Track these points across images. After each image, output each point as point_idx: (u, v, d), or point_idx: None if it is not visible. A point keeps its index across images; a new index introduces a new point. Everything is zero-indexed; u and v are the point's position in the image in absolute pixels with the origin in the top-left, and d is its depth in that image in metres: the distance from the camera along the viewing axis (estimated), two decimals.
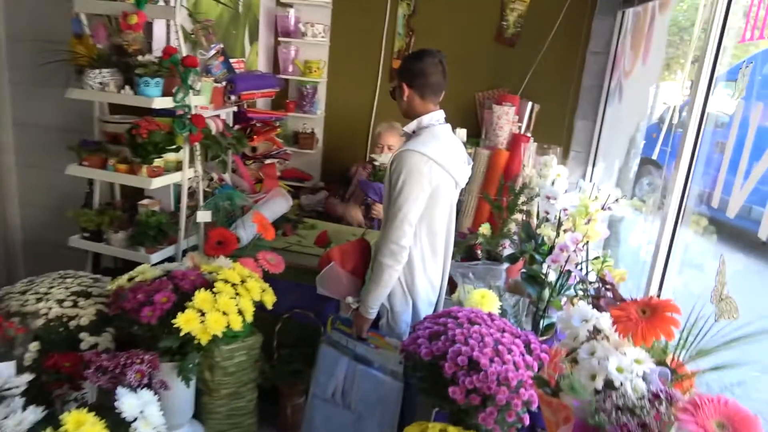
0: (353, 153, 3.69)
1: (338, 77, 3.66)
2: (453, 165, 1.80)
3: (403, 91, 1.83)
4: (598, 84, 3.26)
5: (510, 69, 3.37)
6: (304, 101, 3.59)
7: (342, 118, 3.72)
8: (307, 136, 3.62)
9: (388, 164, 1.79)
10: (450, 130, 1.87)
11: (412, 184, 1.70)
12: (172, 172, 2.12)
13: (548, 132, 3.31)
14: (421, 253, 1.84)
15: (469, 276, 2.37)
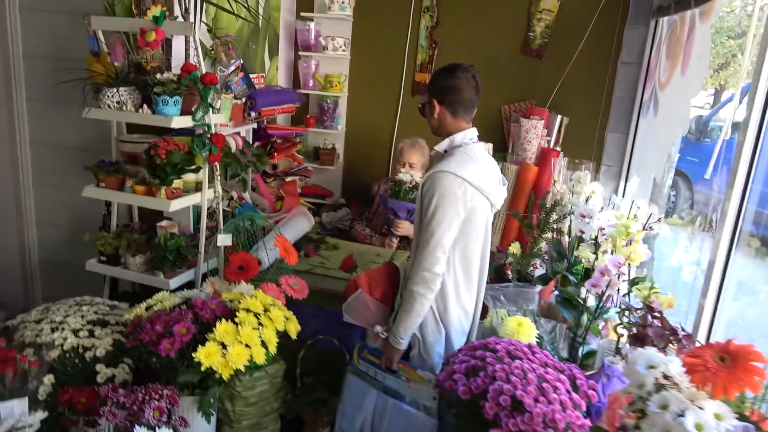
0: (375, 169, 3.63)
1: (359, 91, 3.62)
2: (489, 186, 1.74)
3: (433, 107, 1.78)
4: (630, 95, 3.15)
5: (537, 81, 3.28)
6: (325, 116, 3.54)
7: (363, 133, 3.67)
8: (328, 152, 3.57)
9: (420, 186, 1.73)
10: (484, 148, 1.81)
11: (445, 208, 1.65)
12: (192, 192, 2.06)
13: (578, 146, 3.22)
14: (454, 280, 1.77)
15: (500, 299, 2.28)
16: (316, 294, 2.07)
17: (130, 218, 2.38)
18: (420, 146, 3.05)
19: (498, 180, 1.83)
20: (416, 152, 3.02)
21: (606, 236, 2.10)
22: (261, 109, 2.71)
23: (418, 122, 3.50)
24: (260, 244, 2.15)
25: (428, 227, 1.67)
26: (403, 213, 2.66)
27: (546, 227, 2.52)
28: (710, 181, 3.77)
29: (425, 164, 3.06)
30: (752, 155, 1.59)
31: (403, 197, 2.63)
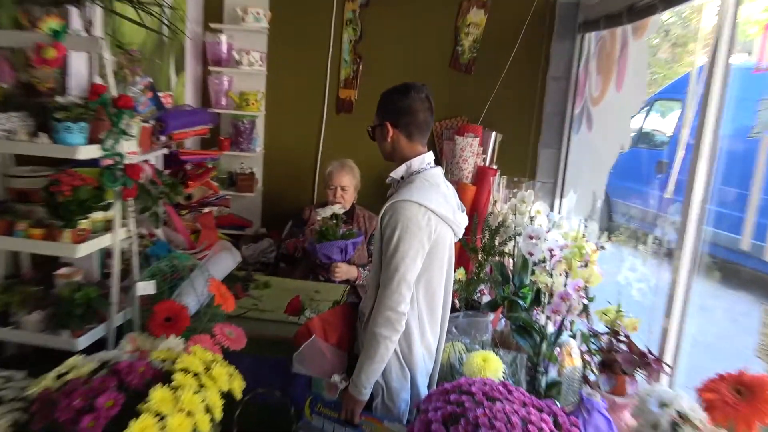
0: (299, 194, 3.58)
1: (278, 110, 3.57)
2: (451, 214, 1.73)
3: (386, 131, 1.77)
4: (560, 111, 3.33)
5: (468, 96, 3.38)
6: (241, 138, 3.44)
7: (284, 155, 3.62)
8: (246, 177, 3.47)
9: (379, 217, 1.70)
10: (442, 173, 1.81)
11: (409, 240, 1.62)
12: (100, 233, 1.88)
13: (514, 163, 3.34)
14: (418, 317, 1.74)
15: (452, 330, 2.28)
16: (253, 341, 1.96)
17: (16, 267, 2.13)
18: (350, 167, 3.03)
19: (458, 206, 1.84)
20: (346, 174, 3.00)
21: (559, 258, 2.17)
22: (172, 132, 2.56)
23: (344, 141, 3.57)
24: (184, 288, 2.01)
25: (391, 262, 1.63)
26: (336, 254, 2.63)
27: (492, 250, 2.57)
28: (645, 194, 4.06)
29: (357, 186, 3.05)
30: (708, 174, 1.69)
31: (332, 235, 2.59)
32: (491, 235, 2.57)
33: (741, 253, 2.92)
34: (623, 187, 4.49)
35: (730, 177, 1.93)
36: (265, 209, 3.69)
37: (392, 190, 1.86)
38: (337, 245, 2.59)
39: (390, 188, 1.90)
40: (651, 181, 4.13)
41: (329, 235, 2.64)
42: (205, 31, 3.41)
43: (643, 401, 1.06)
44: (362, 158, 3.14)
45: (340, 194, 2.97)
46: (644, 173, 4.33)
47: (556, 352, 2.20)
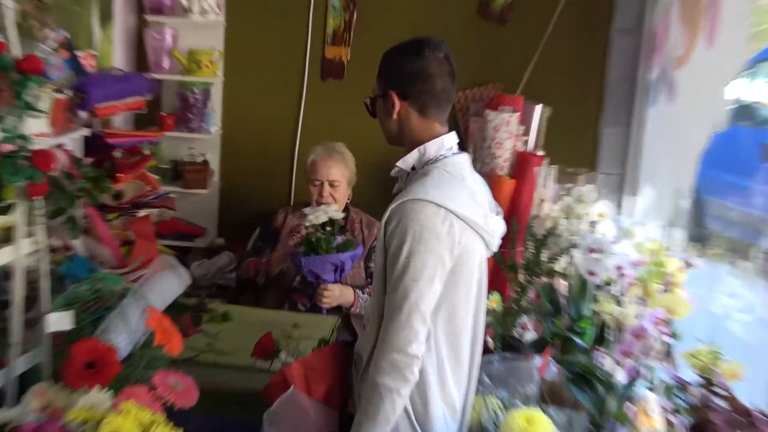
0: (270, 192, 3.61)
1: (242, 75, 3.59)
2: (482, 218, 1.74)
3: (391, 104, 1.78)
4: (630, 75, 3.34)
5: (503, 56, 3.41)
6: (190, 113, 3.48)
7: (250, 138, 3.64)
8: (197, 169, 3.51)
9: (382, 223, 1.71)
10: (469, 162, 1.82)
11: (424, 255, 1.63)
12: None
13: (566, 147, 3.32)
14: (437, 361, 1.74)
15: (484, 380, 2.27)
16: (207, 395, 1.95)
17: None
18: (340, 155, 3.06)
19: (491, 208, 1.84)
20: (336, 164, 3.03)
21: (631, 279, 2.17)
22: (96, 106, 2.58)
23: (333, 119, 3.59)
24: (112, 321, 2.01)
25: (399, 286, 1.64)
26: (329, 273, 2.63)
27: (538, 268, 2.56)
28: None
29: (352, 180, 3.08)
30: None
31: (325, 248, 2.59)
32: (537, 248, 2.57)
33: None
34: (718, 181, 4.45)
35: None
36: (223, 212, 3.70)
37: (400, 185, 1.86)
38: (330, 261, 2.60)
39: (397, 183, 1.90)
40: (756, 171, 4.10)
41: (321, 247, 2.66)
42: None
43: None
44: (358, 142, 3.15)
45: (328, 192, 2.98)
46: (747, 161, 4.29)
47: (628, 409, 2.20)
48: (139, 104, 2.95)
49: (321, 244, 2.64)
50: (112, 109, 2.72)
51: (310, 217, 2.68)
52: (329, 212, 2.70)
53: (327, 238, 2.65)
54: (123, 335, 1.95)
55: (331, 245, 2.65)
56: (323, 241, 2.64)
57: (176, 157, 3.57)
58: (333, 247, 2.66)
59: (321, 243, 2.64)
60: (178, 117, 3.49)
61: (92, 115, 2.62)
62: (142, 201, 2.94)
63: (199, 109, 3.48)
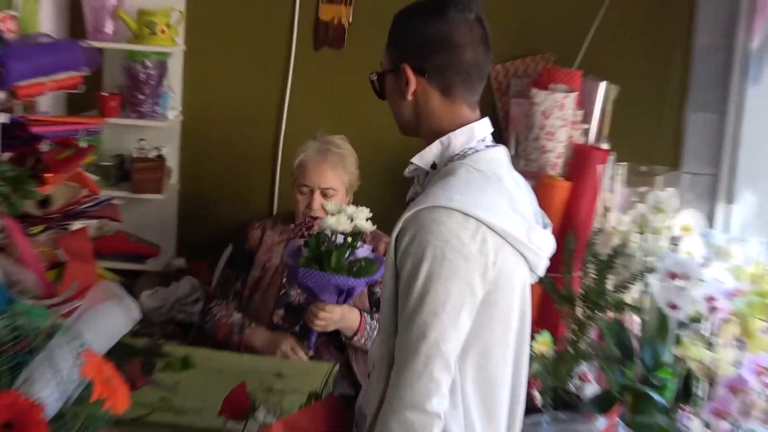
0: (245, 198, 3.66)
1: (209, 44, 3.65)
2: (524, 232, 1.75)
3: (405, 82, 1.79)
4: (724, 43, 3.35)
5: (555, 19, 3.44)
6: (141, 94, 3.51)
7: (219, 126, 3.70)
8: (150, 167, 3.54)
9: (393, 237, 1.72)
10: (508, 157, 1.84)
11: (447, 281, 1.64)
12: None
13: (639, 138, 3.40)
14: (464, 421, 1.75)
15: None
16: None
17: None
18: (337, 155, 3.09)
19: (537, 218, 1.86)
20: (332, 167, 3.06)
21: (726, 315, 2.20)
22: (17, 84, 2.63)
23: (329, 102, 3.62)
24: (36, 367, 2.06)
25: (414, 320, 1.64)
26: (329, 295, 2.63)
27: (602, 299, 2.59)
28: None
29: (353, 185, 3.12)
30: None
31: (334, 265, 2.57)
32: (600, 272, 2.60)
33: None
34: None
35: None
36: (183, 225, 3.75)
37: (416, 188, 1.89)
38: (336, 282, 2.57)
39: (412, 186, 1.92)
40: None
41: (329, 262, 2.61)
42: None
43: None
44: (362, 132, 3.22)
45: (319, 203, 3.00)
46: None
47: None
48: (74, 82, 2.98)
49: (330, 258, 2.60)
50: (37, 88, 2.75)
51: (330, 220, 2.55)
52: (358, 220, 2.58)
53: (340, 252, 2.60)
54: (52, 386, 1.97)
55: (343, 262, 2.61)
56: (335, 255, 2.59)
57: (122, 151, 3.60)
58: (345, 265, 2.61)
59: (331, 256, 2.59)
60: (125, 98, 3.52)
61: (12, 96, 2.65)
62: (76, 210, 2.96)
63: (152, 87, 3.50)
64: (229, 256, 3.33)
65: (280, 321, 3.01)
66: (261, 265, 3.12)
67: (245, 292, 3.14)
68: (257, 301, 3.09)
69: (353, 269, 2.64)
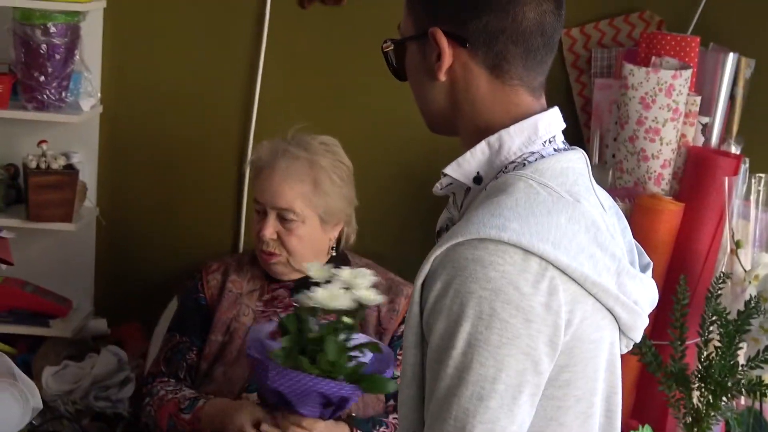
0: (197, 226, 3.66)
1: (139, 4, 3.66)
2: (614, 276, 1.74)
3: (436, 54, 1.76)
4: None
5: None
6: (42, 74, 3.51)
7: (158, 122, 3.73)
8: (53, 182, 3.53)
9: (417, 283, 1.70)
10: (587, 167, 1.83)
11: (499, 349, 1.62)
12: None
13: None
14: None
15: None
16: None
17: None
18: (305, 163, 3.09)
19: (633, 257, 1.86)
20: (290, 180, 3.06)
21: None
22: None
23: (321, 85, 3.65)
24: None
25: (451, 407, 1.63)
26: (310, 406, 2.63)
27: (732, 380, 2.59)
28: None
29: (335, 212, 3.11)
30: None
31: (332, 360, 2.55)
32: (729, 339, 2.60)
33: None
34: None
35: None
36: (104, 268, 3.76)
37: (452, 211, 1.89)
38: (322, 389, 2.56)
39: (445, 208, 1.94)
40: None
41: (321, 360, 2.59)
42: None
43: None
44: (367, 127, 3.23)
45: (272, 230, 3.03)
46: None
47: None
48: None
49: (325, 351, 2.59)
50: None
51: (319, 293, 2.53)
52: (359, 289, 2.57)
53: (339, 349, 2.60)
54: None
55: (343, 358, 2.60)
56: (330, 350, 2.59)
57: (14, 159, 3.61)
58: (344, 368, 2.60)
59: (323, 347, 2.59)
60: (19, 80, 3.57)
61: None
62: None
63: (57, 64, 3.51)
64: (175, 315, 3.33)
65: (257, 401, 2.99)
66: (224, 326, 3.14)
67: (202, 365, 3.15)
68: (220, 378, 3.09)
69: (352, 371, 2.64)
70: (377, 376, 2.65)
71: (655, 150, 3.16)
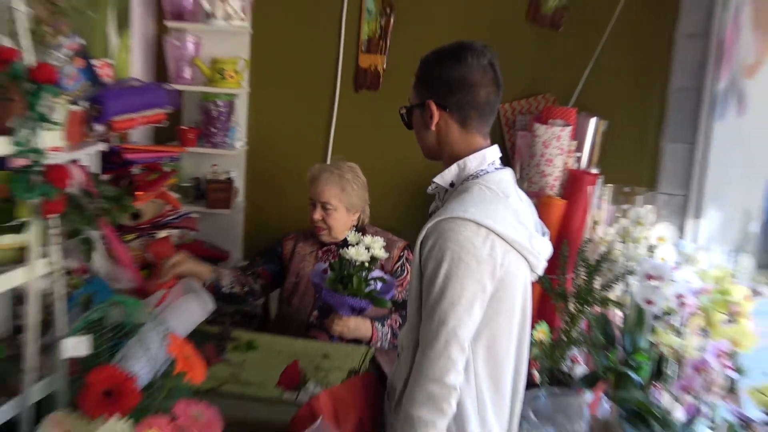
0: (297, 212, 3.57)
1: (269, 86, 3.65)
2: (527, 239, 1.76)
3: (429, 115, 1.82)
4: (695, 85, 3.34)
5: (554, 65, 3.43)
6: (214, 128, 3.53)
7: (277, 154, 3.70)
8: (220, 187, 3.57)
9: (418, 243, 1.74)
10: (513, 178, 1.85)
11: (463, 278, 1.66)
12: (9, 267, 1.97)
13: (623, 164, 3.37)
14: (476, 393, 1.77)
15: (530, 416, 2.31)
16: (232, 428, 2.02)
17: None
18: (335, 175, 3.06)
19: (537, 228, 1.87)
20: (327, 185, 3.03)
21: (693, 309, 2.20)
22: (113, 119, 2.65)
23: (366, 133, 3.65)
24: (131, 348, 2.08)
25: (436, 311, 1.67)
26: (345, 311, 2.66)
27: (590, 296, 2.59)
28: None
29: (354, 204, 3.09)
30: None
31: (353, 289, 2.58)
32: (589, 274, 2.59)
33: None
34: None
35: None
36: (248, 234, 3.76)
37: (437, 203, 1.91)
38: (351, 303, 2.60)
39: (434, 201, 1.95)
40: None
41: (351, 287, 2.63)
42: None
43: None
44: (394, 159, 3.25)
45: (320, 215, 3.02)
46: None
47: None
48: (159, 117, 2.99)
49: (352, 283, 2.62)
50: (130, 123, 2.77)
51: (351, 250, 2.61)
52: (374, 249, 2.63)
53: (360, 281, 2.62)
54: (143, 363, 2.00)
55: (362, 287, 2.63)
56: (355, 280, 2.62)
57: (198, 174, 3.63)
58: (363, 289, 2.63)
59: (352, 282, 2.62)
60: (201, 131, 3.55)
61: (109, 129, 2.67)
62: (162, 221, 3.00)
63: (222, 122, 3.53)
64: (264, 248, 3.31)
65: (314, 320, 3.02)
66: (295, 273, 3.12)
67: (283, 296, 3.15)
68: (296, 304, 3.09)
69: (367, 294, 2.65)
70: (382, 298, 2.67)
71: (550, 171, 3.17)
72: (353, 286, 2.61)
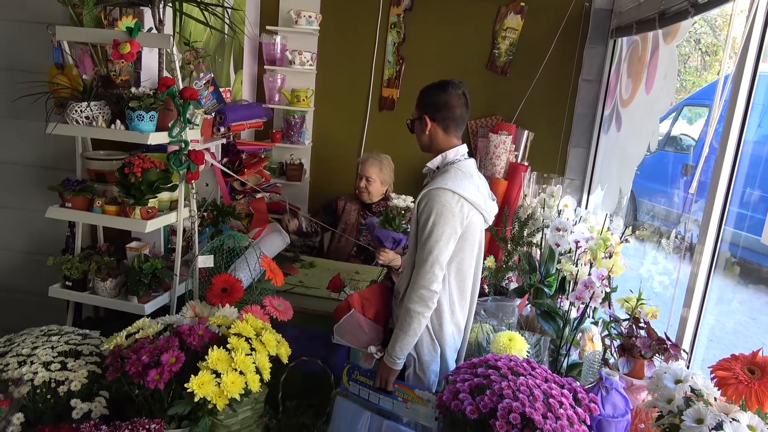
0: (341, 184, 3.60)
1: (326, 106, 3.59)
2: (483, 202, 1.74)
3: (424, 123, 1.78)
4: (590, 112, 3.27)
5: (503, 97, 3.35)
6: (292, 131, 3.48)
7: (330, 148, 3.64)
8: (295, 168, 3.52)
9: (416, 203, 1.72)
10: (475, 165, 1.82)
11: (443, 225, 1.64)
12: (165, 212, 1.96)
13: (544, 160, 3.30)
14: (449, 296, 1.76)
15: (481, 313, 2.29)
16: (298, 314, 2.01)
17: (93, 240, 2.24)
18: (379, 161, 3.01)
19: (489, 195, 1.84)
20: (374, 167, 2.99)
21: (584, 249, 2.16)
22: (231, 124, 2.62)
23: (385, 137, 3.59)
24: (239, 263, 2.07)
25: (426, 244, 1.65)
26: (388, 243, 2.56)
27: (520, 241, 2.55)
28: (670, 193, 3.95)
29: (385, 180, 3.03)
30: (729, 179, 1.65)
31: (395, 227, 2.51)
32: (520, 227, 2.55)
33: (762, 254, 2.83)
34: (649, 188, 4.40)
35: (753, 181, 1.87)
36: (311, 197, 3.72)
37: (428, 179, 1.87)
38: (393, 236, 2.53)
39: (426, 177, 1.92)
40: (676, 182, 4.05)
41: (394, 223, 2.57)
42: (262, 32, 3.46)
43: (659, 377, 1.05)
44: (401, 152, 3.15)
45: (364, 184, 2.97)
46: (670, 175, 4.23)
47: (578, 336, 2.19)
48: (259, 124, 2.98)
49: (395, 221, 2.56)
50: (241, 127, 2.77)
51: (396, 201, 2.62)
52: (407, 202, 2.69)
53: (400, 221, 2.56)
54: (246, 273, 2.01)
55: (400, 224, 2.56)
56: (397, 219, 2.55)
57: (282, 160, 3.56)
58: (402, 227, 2.55)
59: (396, 220, 2.56)
60: (284, 133, 3.52)
61: (228, 130, 2.65)
62: (259, 188, 2.99)
63: (297, 128, 3.50)
64: (323, 205, 3.25)
65: (354, 252, 2.98)
66: (345, 221, 3.07)
67: (334, 239, 3.09)
68: (343, 243, 3.05)
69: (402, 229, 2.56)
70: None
71: (498, 163, 3.12)
72: (396, 224, 2.54)
